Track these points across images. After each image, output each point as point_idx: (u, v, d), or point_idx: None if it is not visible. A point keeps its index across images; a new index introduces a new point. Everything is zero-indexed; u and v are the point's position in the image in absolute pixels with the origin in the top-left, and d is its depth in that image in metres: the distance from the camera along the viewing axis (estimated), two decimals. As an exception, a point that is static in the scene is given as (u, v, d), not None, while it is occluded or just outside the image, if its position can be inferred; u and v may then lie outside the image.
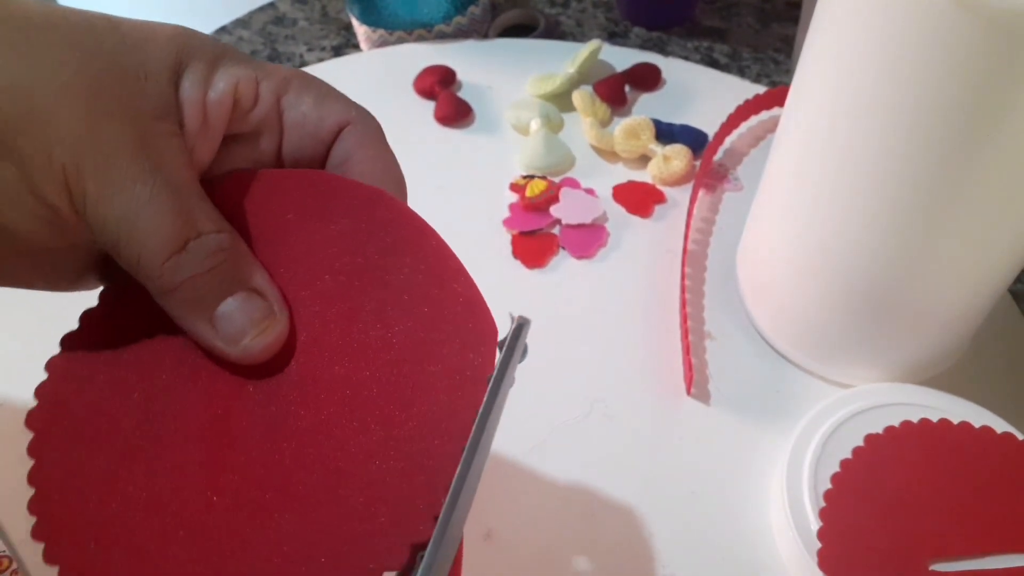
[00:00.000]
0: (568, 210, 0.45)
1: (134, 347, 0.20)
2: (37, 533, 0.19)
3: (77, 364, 0.20)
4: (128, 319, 0.20)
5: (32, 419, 0.20)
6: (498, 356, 0.20)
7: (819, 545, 0.30)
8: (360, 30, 0.57)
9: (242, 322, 0.19)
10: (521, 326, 0.20)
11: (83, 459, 0.20)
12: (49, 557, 0.19)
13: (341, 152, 0.22)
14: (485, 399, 0.19)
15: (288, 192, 0.21)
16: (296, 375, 0.20)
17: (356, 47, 0.60)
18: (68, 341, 0.21)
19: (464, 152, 0.50)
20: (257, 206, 0.21)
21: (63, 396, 0.20)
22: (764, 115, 0.51)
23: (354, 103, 0.22)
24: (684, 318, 0.40)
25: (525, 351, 0.21)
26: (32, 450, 0.20)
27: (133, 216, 0.17)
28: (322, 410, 0.20)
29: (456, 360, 0.20)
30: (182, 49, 0.19)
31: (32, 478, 0.20)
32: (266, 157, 0.22)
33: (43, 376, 0.21)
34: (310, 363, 0.20)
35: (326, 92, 0.21)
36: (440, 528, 0.18)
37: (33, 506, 0.19)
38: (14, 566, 0.33)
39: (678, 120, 0.50)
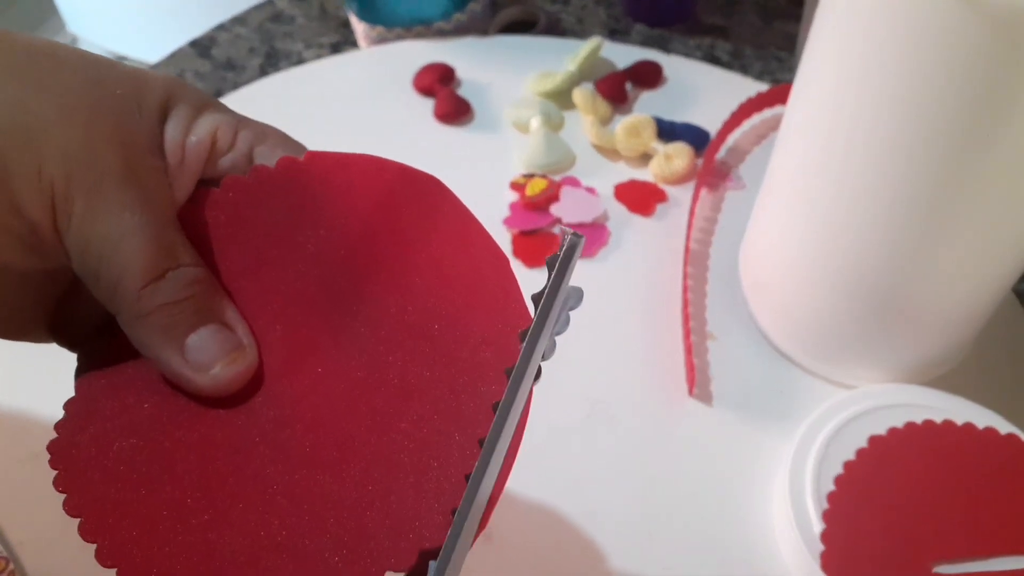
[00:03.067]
0: (569, 209, 0.45)
1: (136, 392, 0.20)
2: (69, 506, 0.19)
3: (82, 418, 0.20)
4: (123, 354, 0.20)
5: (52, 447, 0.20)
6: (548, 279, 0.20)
7: (822, 547, 0.30)
8: (359, 27, 0.56)
9: (213, 351, 0.19)
10: (574, 245, 0.20)
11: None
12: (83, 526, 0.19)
13: None
14: (523, 350, 0.19)
15: (263, 204, 0.21)
16: (297, 392, 0.20)
17: (355, 44, 0.60)
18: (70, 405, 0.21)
19: (464, 150, 0.49)
20: (232, 226, 0.21)
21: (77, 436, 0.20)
22: (767, 113, 0.50)
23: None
24: (686, 318, 0.39)
25: (553, 346, 0.20)
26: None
27: (117, 239, 0.18)
28: (326, 427, 0.20)
29: (470, 356, 0.20)
30: (171, 93, 0.20)
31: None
32: None
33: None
34: (309, 381, 0.20)
35: (302, 151, 0.22)
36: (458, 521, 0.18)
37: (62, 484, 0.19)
38: (11, 567, 0.33)
39: (680, 118, 0.50)
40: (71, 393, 0.21)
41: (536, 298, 0.20)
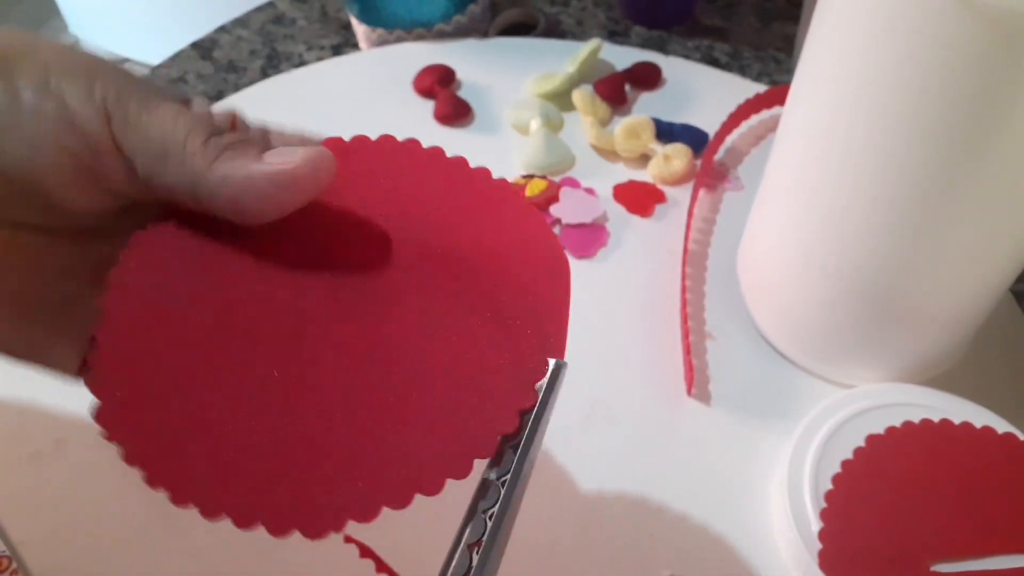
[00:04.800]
0: (568, 210, 0.45)
1: (200, 258, 0.21)
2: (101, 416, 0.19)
3: (146, 264, 0.20)
4: (184, 239, 0.21)
5: (104, 302, 0.20)
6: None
7: (820, 546, 0.30)
8: (359, 29, 0.57)
9: (290, 148, 0.20)
10: (559, 368, 0.21)
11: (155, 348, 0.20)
12: (114, 431, 0.19)
13: None
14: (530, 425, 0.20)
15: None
16: (374, 287, 0.21)
17: (355, 46, 0.60)
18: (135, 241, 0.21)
19: (464, 152, 0.49)
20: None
21: (134, 288, 0.20)
22: (765, 114, 0.51)
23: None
24: (685, 318, 0.40)
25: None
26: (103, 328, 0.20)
27: (174, 118, 0.20)
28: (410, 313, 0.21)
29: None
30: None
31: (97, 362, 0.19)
32: None
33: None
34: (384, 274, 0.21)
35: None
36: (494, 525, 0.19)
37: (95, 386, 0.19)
38: (14, 566, 0.33)
39: (679, 119, 0.50)
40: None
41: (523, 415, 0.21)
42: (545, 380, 0.21)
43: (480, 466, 0.20)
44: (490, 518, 0.19)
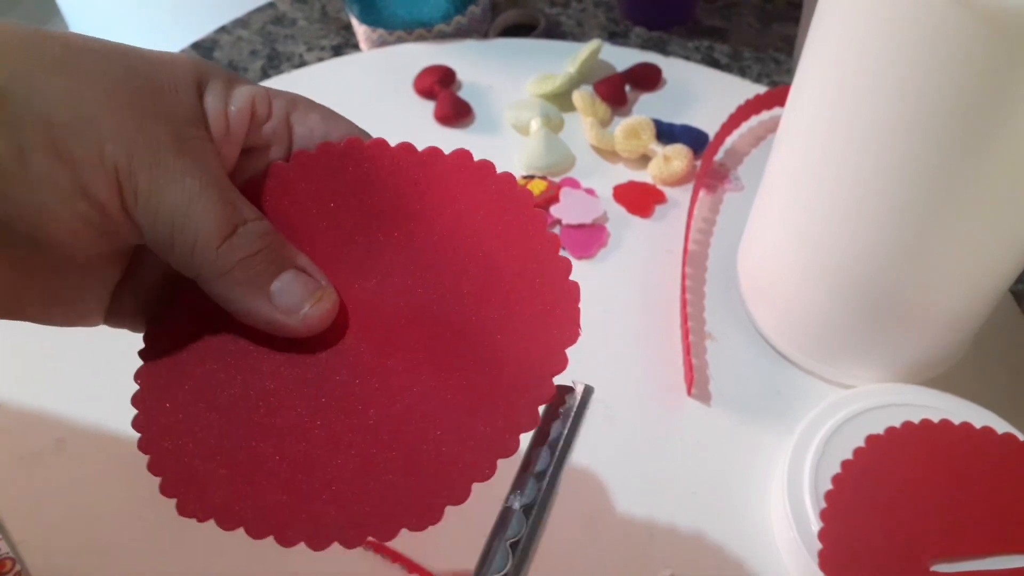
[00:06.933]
0: (568, 210, 0.45)
1: (212, 343, 0.22)
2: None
3: (162, 369, 0.22)
4: (192, 327, 0.22)
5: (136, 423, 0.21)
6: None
7: (820, 546, 0.30)
8: (360, 30, 0.57)
9: (299, 294, 0.20)
10: (588, 392, 0.22)
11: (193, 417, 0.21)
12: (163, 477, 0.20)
13: None
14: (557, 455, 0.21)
15: (306, 177, 0.23)
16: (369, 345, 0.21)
17: (356, 47, 0.60)
18: (145, 351, 0.22)
19: (464, 152, 0.49)
20: (281, 201, 0.22)
21: (158, 390, 0.21)
22: (765, 115, 0.51)
23: (356, 124, 0.24)
24: (685, 318, 0.40)
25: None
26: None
27: (186, 205, 0.19)
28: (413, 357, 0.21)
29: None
30: (201, 70, 0.21)
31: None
32: None
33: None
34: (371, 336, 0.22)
35: (330, 112, 0.23)
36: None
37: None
38: (17, 568, 0.33)
39: (679, 120, 0.50)
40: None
41: (552, 444, 0.22)
42: (575, 403, 0.21)
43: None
44: (512, 547, 0.20)
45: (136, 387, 0.22)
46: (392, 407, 0.20)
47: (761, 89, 0.51)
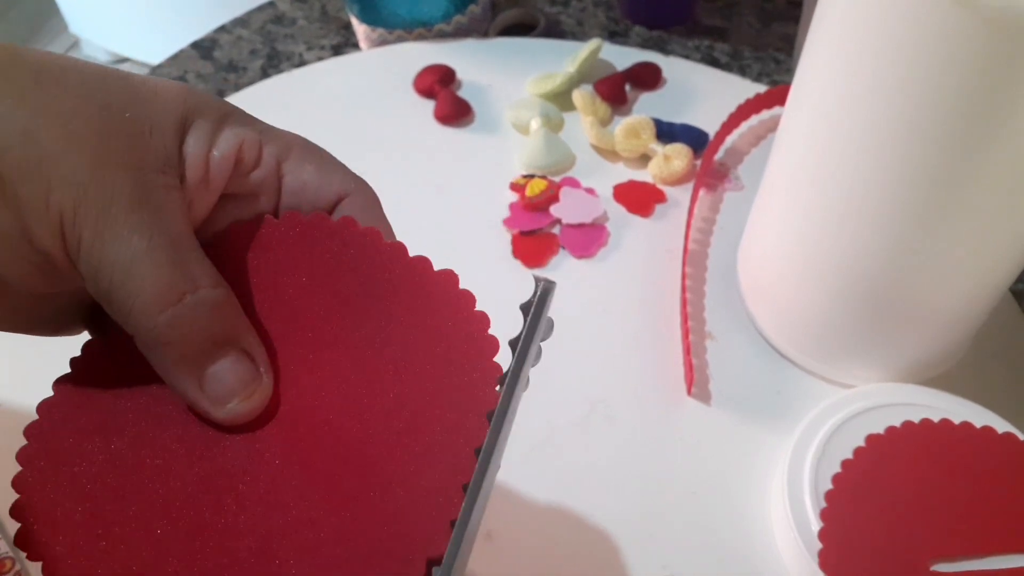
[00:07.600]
0: (568, 209, 0.45)
1: (120, 395, 0.20)
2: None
3: (67, 404, 0.21)
4: (114, 369, 0.21)
5: (21, 455, 0.21)
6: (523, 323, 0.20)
7: (820, 545, 0.30)
8: (360, 29, 0.57)
9: (231, 385, 0.19)
10: (546, 292, 0.20)
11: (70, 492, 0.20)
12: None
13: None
14: (502, 394, 0.20)
15: (288, 243, 0.21)
16: (288, 421, 0.20)
17: (356, 46, 0.60)
18: (58, 385, 0.21)
19: (464, 152, 0.49)
20: (256, 259, 0.21)
21: (51, 437, 0.21)
22: (765, 114, 0.51)
23: (354, 174, 0.22)
24: (685, 318, 0.40)
25: (539, 353, 0.21)
26: (17, 484, 0.20)
27: (128, 265, 0.18)
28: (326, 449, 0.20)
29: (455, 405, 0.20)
30: (189, 106, 0.20)
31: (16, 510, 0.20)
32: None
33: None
34: (302, 408, 0.20)
35: (328, 161, 0.22)
36: (456, 534, 0.18)
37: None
38: (16, 567, 0.33)
39: (679, 119, 0.50)
40: None
41: (513, 343, 0.20)
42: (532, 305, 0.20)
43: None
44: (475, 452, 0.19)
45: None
46: (268, 520, 0.19)
47: (761, 88, 0.51)
